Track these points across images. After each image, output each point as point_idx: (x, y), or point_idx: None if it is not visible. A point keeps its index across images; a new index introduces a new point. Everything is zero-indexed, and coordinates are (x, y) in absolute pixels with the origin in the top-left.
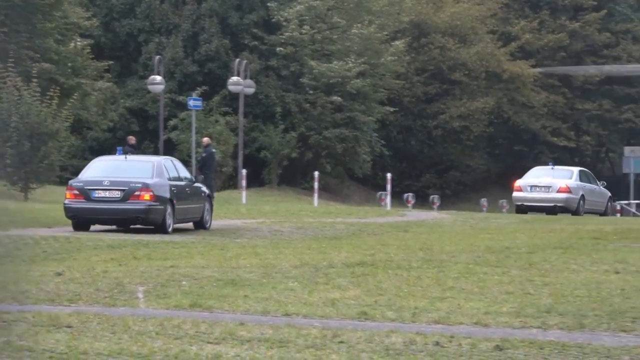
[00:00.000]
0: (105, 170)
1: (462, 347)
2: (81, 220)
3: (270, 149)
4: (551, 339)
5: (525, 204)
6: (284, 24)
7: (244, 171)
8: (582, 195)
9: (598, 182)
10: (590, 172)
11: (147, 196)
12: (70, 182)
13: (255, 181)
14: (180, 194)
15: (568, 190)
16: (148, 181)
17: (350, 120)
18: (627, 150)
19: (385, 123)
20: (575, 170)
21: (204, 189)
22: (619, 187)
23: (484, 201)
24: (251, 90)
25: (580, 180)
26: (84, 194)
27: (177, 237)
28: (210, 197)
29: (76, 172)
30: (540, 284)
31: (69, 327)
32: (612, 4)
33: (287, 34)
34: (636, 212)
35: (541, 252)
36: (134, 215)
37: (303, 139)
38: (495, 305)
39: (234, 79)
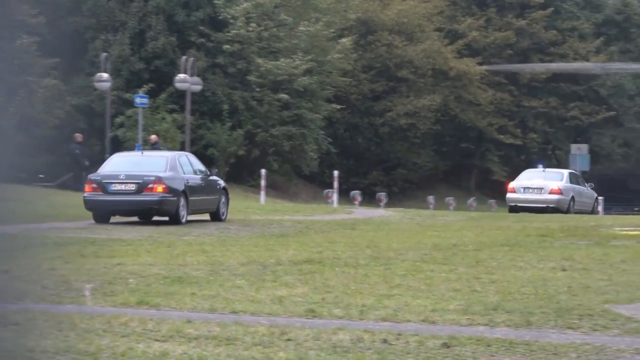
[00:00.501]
0: (122, 165)
1: (409, 345)
2: (99, 212)
3: (217, 146)
4: (498, 336)
5: (518, 204)
6: (231, 21)
7: None
8: (572, 197)
9: (586, 184)
10: (579, 173)
11: (160, 188)
12: (89, 176)
13: None
14: (194, 186)
15: (559, 192)
16: (161, 174)
17: (297, 117)
18: (574, 147)
19: (332, 120)
20: (566, 172)
21: (220, 182)
22: None
23: (430, 199)
24: (198, 88)
25: (570, 182)
26: (102, 187)
27: (124, 235)
28: (226, 190)
29: (22, 170)
30: (487, 281)
31: (16, 324)
32: (559, 2)
33: (233, 31)
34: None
35: (488, 250)
36: (147, 206)
37: (250, 136)
38: (443, 303)
39: (181, 76)
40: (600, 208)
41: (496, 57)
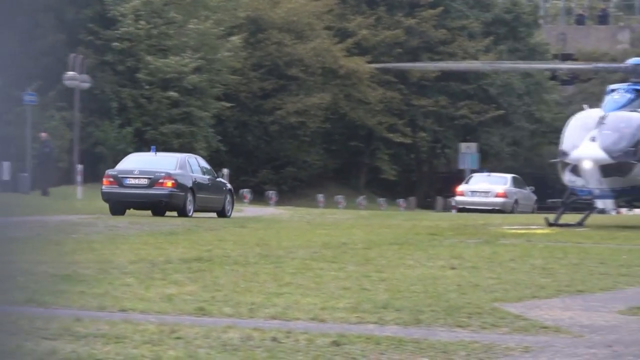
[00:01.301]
0: (137, 163)
1: (299, 343)
2: (114, 203)
3: (106, 144)
4: (388, 335)
5: (466, 207)
6: (120, 18)
7: (79, 166)
8: (516, 200)
9: (527, 187)
10: (520, 177)
11: (169, 183)
12: (107, 171)
13: (91, 177)
14: (201, 185)
15: (504, 195)
16: (171, 171)
17: (186, 115)
18: (463, 146)
19: (221, 119)
20: (509, 177)
21: (227, 184)
22: (455, 183)
23: (320, 197)
24: (87, 85)
25: (514, 185)
26: (118, 181)
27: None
28: (232, 191)
29: None
30: (376, 279)
31: None
32: (449, 1)
33: (123, 29)
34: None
35: (378, 248)
36: (157, 199)
37: (139, 134)
38: (332, 301)
39: (70, 74)
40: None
41: (386, 55)
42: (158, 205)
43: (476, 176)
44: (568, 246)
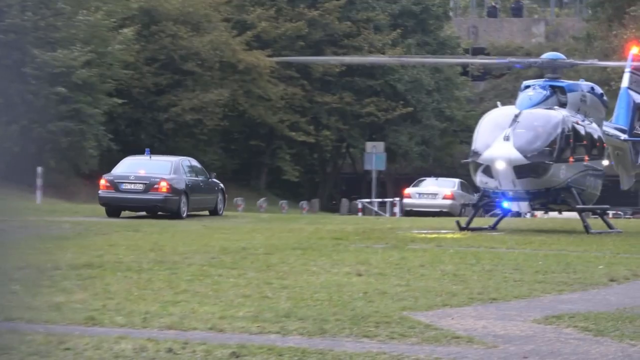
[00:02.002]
0: (133, 167)
1: (196, 354)
2: (112, 207)
3: None
4: (291, 345)
5: (414, 209)
6: (5, 9)
7: None
8: (463, 203)
9: (474, 193)
10: (467, 182)
11: (164, 188)
12: (104, 176)
13: None
14: (194, 187)
15: (452, 197)
16: (165, 176)
17: (75, 112)
18: (369, 145)
19: (113, 116)
20: (457, 180)
21: (219, 184)
22: (360, 184)
23: None
24: None
25: (461, 189)
26: (114, 186)
27: None
28: (223, 191)
29: None
30: (278, 287)
31: None
32: None
33: (8, 20)
34: (378, 211)
35: (279, 253)
36: (153, 204)
37: (25, 132)
38: (231, 310)
39: None
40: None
41: (287, 49)
42: (154, 209)
43: (426, 180)
44: (481, 251)
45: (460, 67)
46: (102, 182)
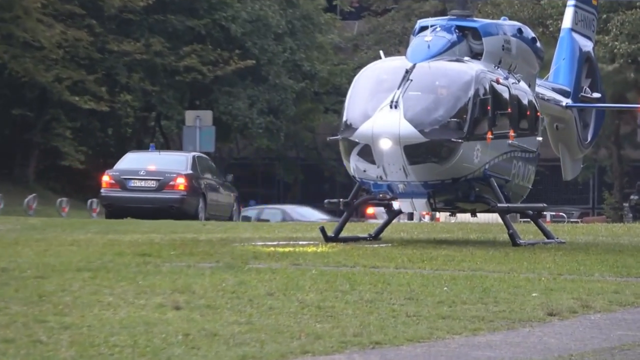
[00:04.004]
0: (140, 162)
1: None
2: (116, 209)
3: None
4: None
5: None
6: None
7: None
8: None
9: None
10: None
11: (181, 186)
12: (107, 171)
13: None
14: (213, 188)
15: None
16: (182, 171)
17: None
18: (190, 116)
19: None
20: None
21: (234, 188)
22: None
23: None
24: None
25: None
26: (120, 183)
27: None
28: (238, 198)
29: None
30: (57, 326)
31: None
32: None
33: None
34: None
35: (58, 277)
36: (168, 204)
37: None
38: None
39: None
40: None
41: None
42: (168, 212)
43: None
44: (357, 272)
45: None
46: (106, 178)
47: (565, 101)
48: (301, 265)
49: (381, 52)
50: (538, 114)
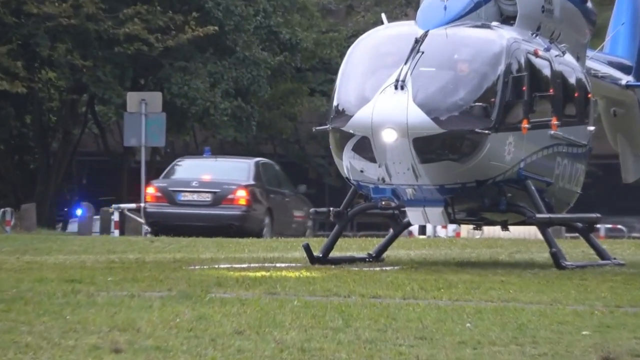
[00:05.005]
0: (193, 171)
1: None
2: (163, 227)
3: None
4: None
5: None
6: None
7: None
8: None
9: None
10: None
11: (242, 200)
12: (153, 182)
13: None
14: (281, 203)
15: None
16: (244, 182)
17: None
18: (133, 99)
19: None
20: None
21: (305, 199)
22: (117, 175)
23: None
24: None
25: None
26: (168, 196)
27: None
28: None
29: None
30: None
31: None
32: None
33: None
34: None
35: None
36: (226, 222)
37: None
38: None
39: None
40: None
41: None
42: (227, 230)
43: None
44: (353, 304)
45: None
46: (150, 190)
47: (626, 79)
48: (279, 295)
49: (383, 16)
50: (589, 96)
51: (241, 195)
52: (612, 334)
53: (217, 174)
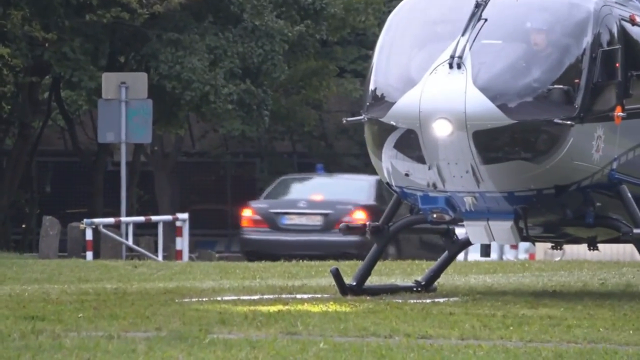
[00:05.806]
0: (300, 190)
1: None
2: (264, 256)
3: None
4: None
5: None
6: None
7: None
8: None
9: None
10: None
11: (360, 223)
12: (251, 203)
13: None
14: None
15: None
16: (362, 202)
17: None
18: (110, 81)
19: None
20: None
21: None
22: (92, 181)
23: None
24: None
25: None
26: (269, 220)
27: None
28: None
29: None
30: None
31: None
32: None
33: None
34: (137, 248)
35: None
36: (341, 249)
37: None
38: None
39: None
40: None
41: None
42: (340, 259)
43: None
44: (396, 346)
45: None
46: (247, 213)
47: None
48: (301, 335)
49: None
50: None
51: (359, 217)
52: None
53: (329, 193)
